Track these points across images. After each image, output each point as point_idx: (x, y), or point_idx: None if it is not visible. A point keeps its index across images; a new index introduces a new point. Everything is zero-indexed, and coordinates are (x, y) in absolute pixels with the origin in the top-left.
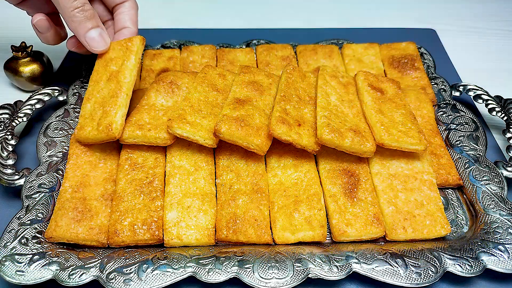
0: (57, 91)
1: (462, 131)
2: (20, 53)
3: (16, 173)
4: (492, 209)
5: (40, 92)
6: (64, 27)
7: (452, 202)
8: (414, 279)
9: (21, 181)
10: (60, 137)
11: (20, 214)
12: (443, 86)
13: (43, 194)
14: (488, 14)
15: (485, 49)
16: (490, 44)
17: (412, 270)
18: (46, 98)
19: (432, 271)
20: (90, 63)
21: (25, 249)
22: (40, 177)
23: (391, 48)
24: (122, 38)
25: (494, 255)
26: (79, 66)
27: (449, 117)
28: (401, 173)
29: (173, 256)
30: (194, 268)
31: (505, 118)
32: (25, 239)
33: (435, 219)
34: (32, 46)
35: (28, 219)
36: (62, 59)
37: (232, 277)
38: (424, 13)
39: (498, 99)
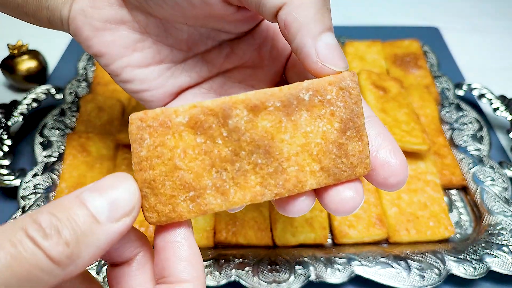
0: (53, 90)
1: (466, 131)
2: (16, 51)
3: (12, 174)
4: (496, 210)
5: (36, 91)
6: None
7: (455, 203)
8: (417, 282)
9: (17, 182)
10: (56, 137)
11: (16, 216)
12: (446, 85)
13: (39, 195)
14: (492, 12)
15: (489, 47)
16: (494, 42)
17: (415, 273)
18: (43, 97)
19: (435, 274)
20: (88, 62)
21: None
22: (36, 178)
23: (394, 46)
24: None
25: (498, 257)
26: (75, 65)
27: (453, 116)
28: None
29: None
30: None
31: (510, 118)
32: None
33: (438, 220)
34: (28, 44)
35: None
36: (58, 58)
37: (232, 280)
38: (427, 10)
39: (502, 98)
